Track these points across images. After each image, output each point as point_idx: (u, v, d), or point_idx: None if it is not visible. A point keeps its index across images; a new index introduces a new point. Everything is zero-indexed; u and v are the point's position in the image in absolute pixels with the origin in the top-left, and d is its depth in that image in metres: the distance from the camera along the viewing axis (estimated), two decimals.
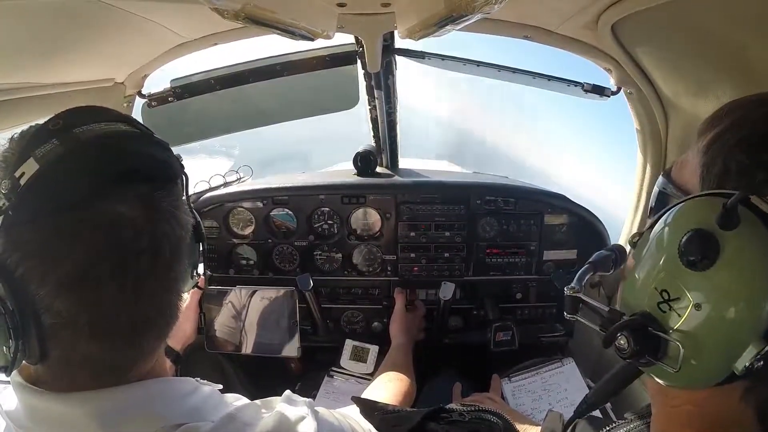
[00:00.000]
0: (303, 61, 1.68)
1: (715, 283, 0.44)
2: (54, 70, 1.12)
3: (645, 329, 0.48)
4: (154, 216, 0.63)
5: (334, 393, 1.71)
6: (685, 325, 0.46)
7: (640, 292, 0.50)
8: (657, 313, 0.48)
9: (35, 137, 0.61)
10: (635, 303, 0.50)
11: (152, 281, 0.64)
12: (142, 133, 0.68)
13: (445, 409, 0.88)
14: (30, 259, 0.57)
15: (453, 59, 1.64)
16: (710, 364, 0.47)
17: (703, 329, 0.45)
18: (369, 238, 1.89)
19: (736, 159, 0.50)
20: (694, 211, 0.48)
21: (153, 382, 0.68)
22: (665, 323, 0.47)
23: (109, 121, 0.65)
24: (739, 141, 0.50)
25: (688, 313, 0.45)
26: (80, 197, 0.58)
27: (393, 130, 1.94)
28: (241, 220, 1.90)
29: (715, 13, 0.92)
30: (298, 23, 0.97)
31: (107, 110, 0.68)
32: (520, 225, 1.88)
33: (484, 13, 0.83)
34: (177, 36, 1.34)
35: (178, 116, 1.80)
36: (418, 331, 1.84)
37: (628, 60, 1.31)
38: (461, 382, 1.73)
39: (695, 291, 0.45)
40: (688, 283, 0.46)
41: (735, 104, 0.58)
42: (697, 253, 0.45)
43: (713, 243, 0.44)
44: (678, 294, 0.46)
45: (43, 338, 0.59)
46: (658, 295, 0.47)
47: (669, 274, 0.47)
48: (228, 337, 1.80)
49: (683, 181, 0.57)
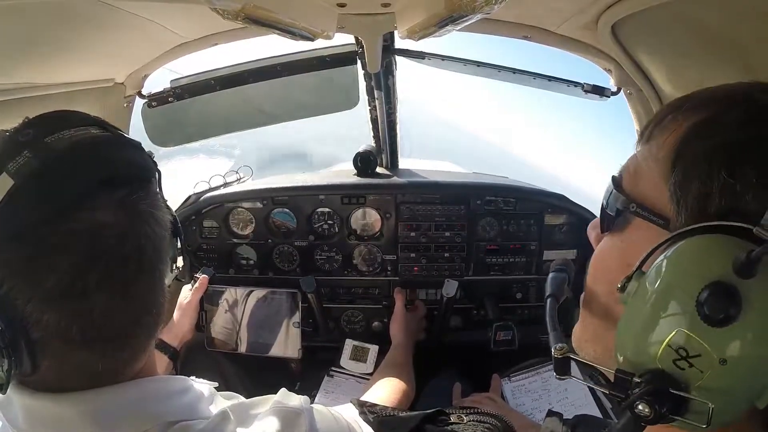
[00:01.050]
0: (303, 61, 1.68)
1: (740, 336, 0.41)
2: (54, 70, 1.12)
3: (666, 391, 0.43)
4: (135, 219, 0.63)
5: (333, 393, 1.71)
6: (710, 381, 0.42)
7: (649, 348, 0.45)
8: (674, 371, 0.43)
9: (6, 151, 0.59)
10: (643, 360, 0.45)
11: (139, 283, 0.64)
12: (113, 136, 0.67)
13: (444, 412, 0.87)
14: (14, 277, 0.56)
15: (453, 59, 1.64)
16: (736, 409, 0.44)
17: (731, 382, 0.42)
18: (369, 238, 1.89)
19: (716, 179, 0.44)
20: (706, 257, 0.43)
21: (147, 381, 0.68)
22: (687, 381, 0.43)
23: (79, 126, 0.63)
24: (714, 156, 0.45)
25: (712, 369, 0.42)
26: (59, 209, 0.57)
27: (393, 130, 1.94)
28: (241, 220, 1.90)
29: (715, 13, 0.92)
30: (298, 23, 0.97)
31: (75, 114, 0.67)
32: (520, 225, 1.88)
33: (484, 14, 0.83)
34: (177, 36, 1.34)
35: (178, 116, 1.80)
36: (418, 331, 1.85)
37: (628, 60, 1.31)
38: (461, 382, 1.73)
39: (719, 347, 0.41)
40: (710, 339, 0.41)
41: (692, 101, 0.52)
42: (720, 311, 0.40)
43: (736, 296, 0.40)
44: (699, 351, 0.42)
45: (33, 352, 0.58)
46: (674, 352, 0.43)
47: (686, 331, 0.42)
48: (228, 337, 1.80)
49: (643, 197, 0.52)
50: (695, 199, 0.46)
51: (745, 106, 0.48)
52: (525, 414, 1.57)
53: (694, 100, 0.52)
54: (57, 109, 0.67)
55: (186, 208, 1.85)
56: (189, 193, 1.90)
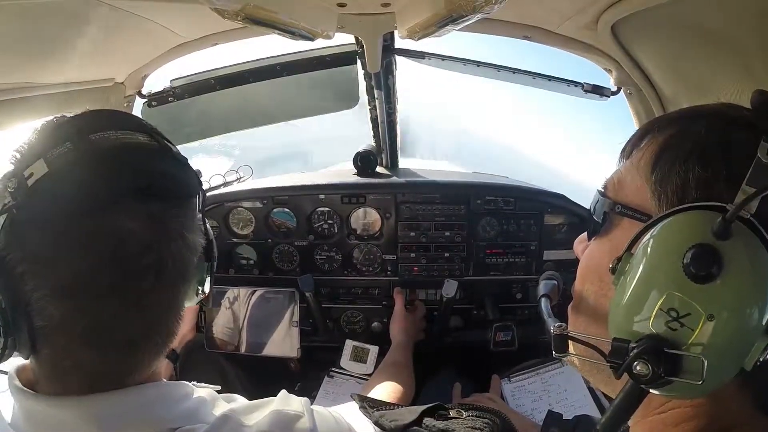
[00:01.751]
0: (303, 61, 1.68)
1: (723, 291, 0.46)
2: (54, 70, 1.12)
3: (661, 350, 0.48)
4: (163, 235, 0.62)
5: (333, 393, 1.71)
6: (701, 337, 0.47)
7: (642, 314, 0.50)
8: (667, 333, 0.48)
9: (50, 137, 0.60)
10: (638, 327, 0.50)
11: (153, 299, 0.63)
12: (160, 147, 0.67)
13: (443, 407, 0.88)
14: (30, 260, 0.57)
15: (453, 59, 1.64)
16: (727, 368, 0.48)
17: (719, 337, 0.46)
18: (369, 237, 1.89)
19: (692, 173, 0.51)
20: (686, 227, 0.49)
21: (149, 387, 0.67)
22: (679, 340, 0.48)
23: (127, 130, 0.64)
24: (689, 156, 0.51)
25: (702, 325, 0.46)
26: (89, 207, 0.57)
27: (393, 130, 1.94)
28: (241, 220, 1.90)
29: (715, 13, 0.92)
30: (298, 23, 0.97)
31: (129, 117, 0.68)
32: (520, 225, 1.88)
33: (484, 13, 0.83)
34: (177, 36, 1.34)
35: (178, 116, 1.80)
36: (418, 331, 1.84)
37: (628, 60, 1.31)
38: (461, 383, 1.73)
39: (706, 303, 0.46)
40: (698, 297, 0.47)
41: (662, 121, 0.59)
42: (704, 268, 0.46)
43: (717, 255, 0.46)
44: (688, 310, 0.47)
45: (33, 337, 0.59)
46: (665, 314, 0.48)
47: (675, 292, 0.47)
48: (228, 337, 1.80)
49: (628, 201, 0.58)
50: (674, 192, 0.52)
51: (710, 118, 0.55)
52: (525, 414, 1.57)
53: (667, 119, 0.60)
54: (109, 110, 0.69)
55: None
56: None
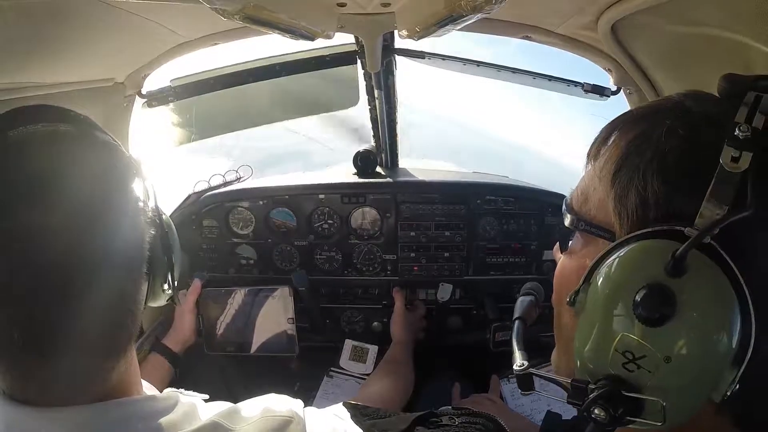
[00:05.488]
0: (303, 60, 1.68)
1: (678, 332, 0.43)
2: (54, 70, 1.12)
3: (618, 394, 0.45)
4: (91, 229, 0.56)
5: (333, 393, 1.71)
6: (659, 380, 0.43)
7: (599, 354, 0.47)
8: (624, 374, 0.45)
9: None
10: (595, 367, 0.47)
11: (89, 300, 0.57)
12: (76, 132, 0.61)
13: (435, 414, 0.87)
14: None
15: (453, 59, 1.64)
16: (691, 404, 0.45)
17: (679, 378, 0.44)
18: (369, 237, 1.89)
19: (650, 188, 0.46)
20: (638, 261, 0.45)
21: (131, 402, 0.64)
22: (637, 382, 0.45)
23: (48, 122, 0.59)
24: (648, 166, 0.47)
25: (659, 368, 0.43)
26: (3, 206, 0.52)
27: (393, 130, 1.94)
28: (241, 220, 1.90)
29: (716, 13, 0.92)
30: (298, 23, 0.97)
31: (52, 109, 0.62)
32: (520, 225, 1.88)
33: (484, 13, 0.83)
34: (177, 36, 1.34)
35: (178, 116, 1.80)
36: (418, 331, 1.85)
37: (628, 60, 1.30)
38: (460, 383, 1.73)
39: (661, 346, 0.43)
40: (651, 340, 0.43)
41: (628, 118, 0.54)
42: (655, 311, 0.43)
43: (669, 295, 0.42)
44: (643, 352, 0.44)
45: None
46: (621, 356, 0.45)
47: (628, 335, 0.44)
48: (227, 338, 1.80)
49: (591, 215, 0.54)
50: (634, 210, 0.48)
51: (672, 116, 0.49)
52: (524, 415, 1.57)
53: (630, 116, 0.55)
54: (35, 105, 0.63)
55: (186, 208, 1.86)
56: (189, 192, 1.90)
